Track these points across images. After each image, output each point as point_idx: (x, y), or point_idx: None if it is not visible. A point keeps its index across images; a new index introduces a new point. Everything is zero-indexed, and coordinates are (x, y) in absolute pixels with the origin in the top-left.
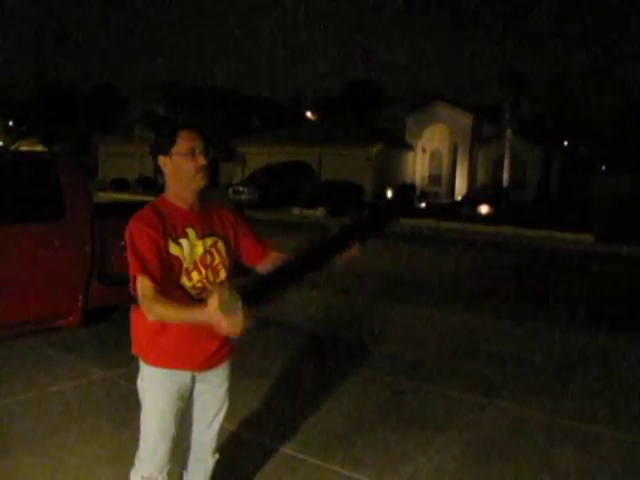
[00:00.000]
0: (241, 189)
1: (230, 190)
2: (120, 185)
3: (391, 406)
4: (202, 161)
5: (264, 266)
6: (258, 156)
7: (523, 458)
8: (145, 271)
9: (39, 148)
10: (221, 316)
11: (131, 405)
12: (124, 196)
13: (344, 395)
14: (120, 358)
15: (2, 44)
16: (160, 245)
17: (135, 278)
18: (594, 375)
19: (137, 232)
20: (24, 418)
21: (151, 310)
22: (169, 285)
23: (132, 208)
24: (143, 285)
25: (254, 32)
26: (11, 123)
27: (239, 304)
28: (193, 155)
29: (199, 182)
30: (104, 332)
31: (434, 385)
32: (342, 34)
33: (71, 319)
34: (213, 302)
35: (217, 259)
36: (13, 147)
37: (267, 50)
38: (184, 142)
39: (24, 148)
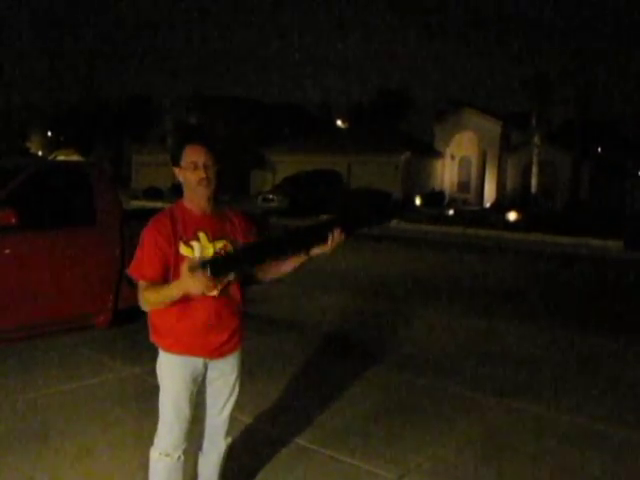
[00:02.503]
0: (271, 197)
1: (260, 198)
2: (153, 193)
3: (404, 403)
4: (202, 174)
5: (264, 274)
6: (288, 164)
7: (530, 455)
8: (138, 272)
9: (75, 158)
10: (189, 278)
11: (155, 398)
12: (157, 204)
13: (358, 392)
14: (147, 356)
15: (39, 58)
16: (166, 252)
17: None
18: (611, 379)
19: (149, 237)
20: (59, 408)
21: (142, 300)
22: None
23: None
24: (139, 282)
25: (285, 41)
26: (49, 134)
27: (204, 269)
28: (195, 168)
29: (201, 192)
30: (133, 331)
31: (448, 384)
32: (371, 43)
33: (102, 319)
34: (184, 266)
35: None
36: (51, 157)
37: (298, 59)
38: (187, 156)
39: (61, 158)
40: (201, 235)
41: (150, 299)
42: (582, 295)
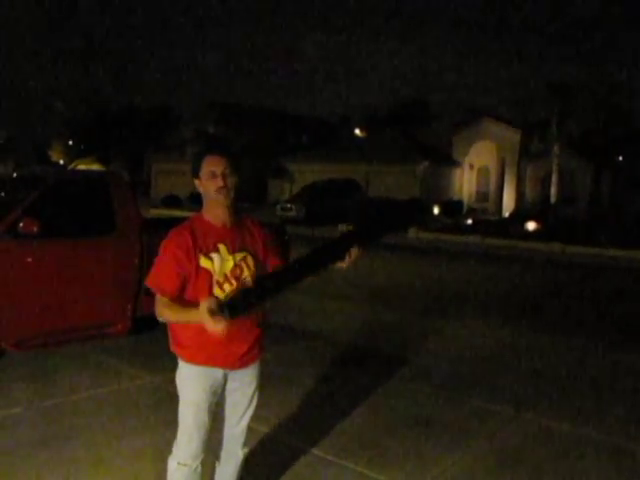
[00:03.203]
0: (289, 206)
1: (278, 207)
2: (172, 202)
3: (422, 414)
4: (220, 183)
5: None
6: (306, 173)
7: (548, 469)
8: (156, 285)
9: (96, 166)
10: (208, 318)
11: (174, 407)
12: (175, 212)
13: (374, 402)
14: (166, 364)
15: (60, 66)
16: (185, 267)
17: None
18: (635, 394)
19: (168, 251)
20: (78, 415)
21: (158, 313)
22: (202, 296)
23: (178, 224)
24: (157, 296)
25: (303, 52)
26: (70, 142)
27: (223, 313)
28: (213, 177)
29: (220, 201)
30: (151, 339)
31: (466, 396)
32: (389, 52)
33: (121, 327)
34: (203, 307)
35: (246, 272)
36: (71, 166)
37: (316, 69)
38: (206, 166)
39: (82, 167)
40: (221, 247)
41: (168, 317)
42: (606, 307)
